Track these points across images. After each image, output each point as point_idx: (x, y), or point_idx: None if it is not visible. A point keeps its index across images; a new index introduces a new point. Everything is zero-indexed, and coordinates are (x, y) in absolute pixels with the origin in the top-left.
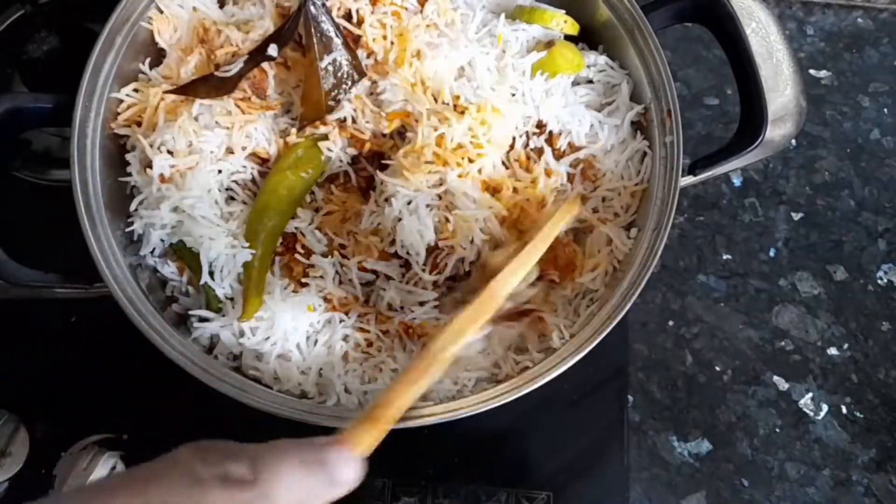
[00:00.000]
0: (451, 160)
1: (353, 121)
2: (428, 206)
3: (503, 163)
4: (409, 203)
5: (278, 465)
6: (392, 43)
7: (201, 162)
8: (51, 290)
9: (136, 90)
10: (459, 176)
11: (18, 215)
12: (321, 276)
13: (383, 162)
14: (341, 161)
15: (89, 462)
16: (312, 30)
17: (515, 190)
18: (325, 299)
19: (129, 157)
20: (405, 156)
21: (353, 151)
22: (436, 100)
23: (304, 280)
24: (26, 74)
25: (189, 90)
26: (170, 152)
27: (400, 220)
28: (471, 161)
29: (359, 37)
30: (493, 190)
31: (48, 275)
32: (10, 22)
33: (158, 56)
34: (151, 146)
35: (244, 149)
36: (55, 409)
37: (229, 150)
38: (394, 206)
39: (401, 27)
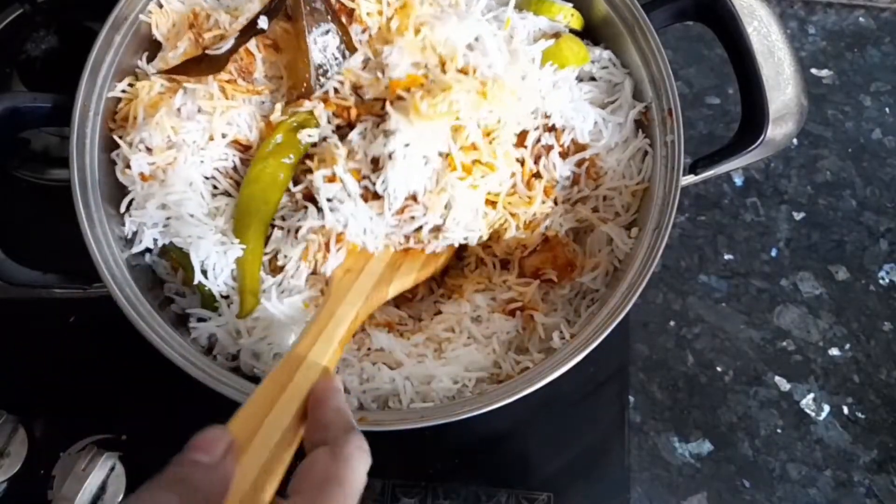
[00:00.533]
0: (456, 159)
1: (336, 91)
2: (425, 158)
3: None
4: (406, 145)
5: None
6: (388, 19)
7: (180, 156)
8: (50, 290)
9: (130, 84)
10: (470, 186)
11: (17, 215)
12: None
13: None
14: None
15: (88, 462)
16: (302, 4)
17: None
18: (313, 271)
19: (113, 155)
20: (422, 98)
21: (338, 121)
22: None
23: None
24: (25, 74)
25: (180, 70)
26: (149, 149)
27: (391, 156)
28: (482, 175)
29: (352, 10)
30: (489, 202)
31: (47, 275)
32: (8, 21)
33: (157, 52)
34: (131, 145)
35: (224, 136)
36: (54, 409)
37: (210, 138)
38: (390, 143)
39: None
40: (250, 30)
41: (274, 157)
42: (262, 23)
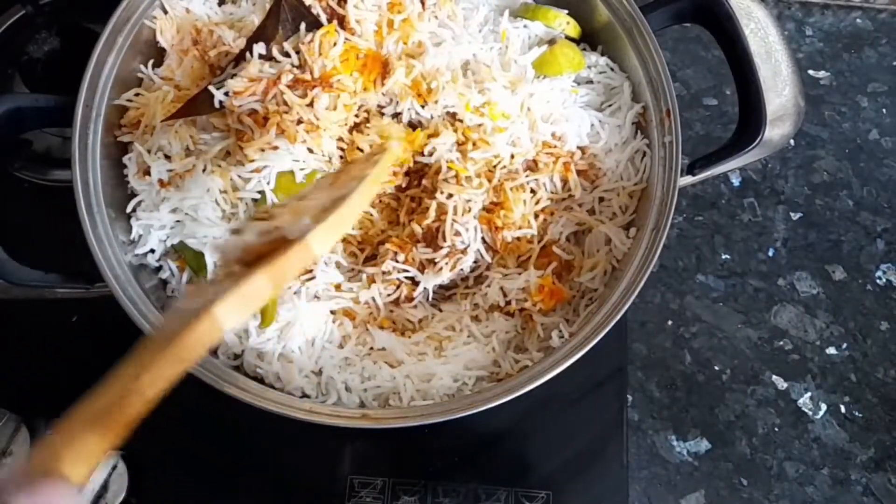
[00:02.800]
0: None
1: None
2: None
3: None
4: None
5: None
6: (379, 27)
7: (198, 164)
8: (52, 290)
9: (137, 94)
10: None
11: (19, 215)
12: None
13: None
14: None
15: None
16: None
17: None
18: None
19: (125, 159)
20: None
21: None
22: (426, 101)
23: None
24: (27, 75)
25: (190, 111)
26: (167, 157)
27: None
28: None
29: (343, 17)
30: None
31: (49, 275)
32: (11, 22)
33: (159, 56)
34: (149, 151)
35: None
36: (56, 408)
37: (227, 153)
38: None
39: (404, 14)
40: (243, 59)
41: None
42: (260, 49)
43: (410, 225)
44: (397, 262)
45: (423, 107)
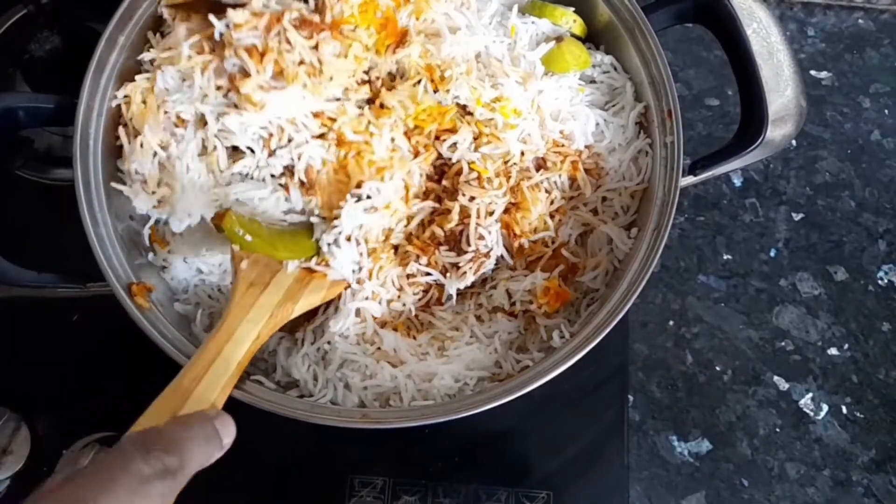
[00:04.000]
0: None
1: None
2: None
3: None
4: None
5: (194, 447)
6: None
7: (177, 185)
8: (52, 289)
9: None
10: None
11: (20, 214)
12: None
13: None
14: None
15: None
16: None
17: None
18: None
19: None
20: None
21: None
22: (437, 87)
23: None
24: (29, 74)
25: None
26: (144, 182)
27: None
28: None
29: None
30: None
31: (42, 274)
32: (12, 21)
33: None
34: (130, 176)
35: (219, 88)
36: (56, 407)
37: (203, 122)
38: None
39: None
40: None
41: None
42: None
43: (431, 227)
44: (420, 265)
45: (435, 92)
